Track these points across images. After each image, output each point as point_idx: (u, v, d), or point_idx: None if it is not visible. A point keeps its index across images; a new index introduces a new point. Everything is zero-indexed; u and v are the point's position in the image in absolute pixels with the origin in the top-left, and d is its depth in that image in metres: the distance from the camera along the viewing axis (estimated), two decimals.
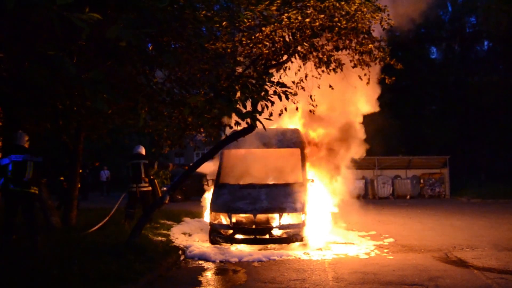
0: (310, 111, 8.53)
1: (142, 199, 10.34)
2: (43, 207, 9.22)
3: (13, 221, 7.21)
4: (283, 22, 7.29)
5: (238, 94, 5.60)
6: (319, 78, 8.27)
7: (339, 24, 7.55)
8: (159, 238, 9.22)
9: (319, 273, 6.88)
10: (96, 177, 27.18)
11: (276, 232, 8.59)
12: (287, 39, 7.59)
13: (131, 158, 10.71)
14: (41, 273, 5.80)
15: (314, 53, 7.88)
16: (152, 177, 10.92)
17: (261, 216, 8.66)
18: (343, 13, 7.59)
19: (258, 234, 8.63)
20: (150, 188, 10.58)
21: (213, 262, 7.82)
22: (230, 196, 9.20)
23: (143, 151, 10.83)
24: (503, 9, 29.26)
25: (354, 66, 8.37)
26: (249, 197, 9.01)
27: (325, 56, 7.96)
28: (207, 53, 5.76)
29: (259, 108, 5.74)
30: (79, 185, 10.71)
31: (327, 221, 10.54)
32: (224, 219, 8.86)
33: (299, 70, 8.29)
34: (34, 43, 3.67)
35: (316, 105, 8.51)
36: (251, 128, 7.50)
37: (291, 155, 10.07)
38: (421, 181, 24.17)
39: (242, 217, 8.74)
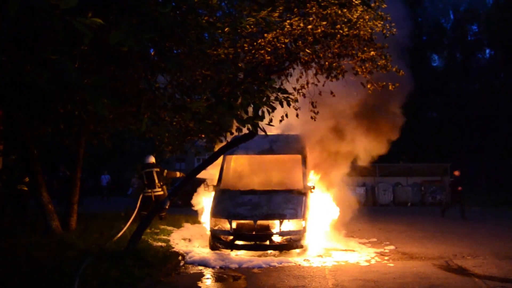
0: (312, 117, 8.54)
1: (156, 202, 11.39)
2: (42, 212, 9.20)
3: None
4: (285, 29, 7.30)
5: (240, 100, 5.60)
6: (323, 85, 8.28)
7: (341, 31, 7.57)
8: (159, 243, 9.19)
9: (319, 280, 6.85)
10: (96, 182, 27.15)
11: (277, 239, 8.55)
12: (289, 45, 7.59)
13: (144, 167, 12.00)
14: (41, 277, 5.78)
15: (316, 60, 7.89)
16: (161, 183, 12.02)
17: (261, 222, 8.62)
18: (345, 20, 7.60)
19: (259, 240, 8.59)
20: (162, 192, 11.83)
21: (213, 268, 7.79)
22: (231, 202, 9.16)
23: (153, 160, 12.15)
24: (505, 17, 29.38)
25: (356, 73, 8.38)
26: (249, 203, 8.97)
27: (326, 63, 7.97)
28: (209, 59, 5.78)
29: (260, 114, 5.74)
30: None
31: (327, 228, 10.51)
32: (224, 225, 8.83)
33: (300, 77, 8.30)
34: (36, 47, 3.68)
35: (318, 112, 8.51)
36: (252, 134, 7.49)
37: (292, 161, 10.04)
38: (422, 188, 24.08)
39: (242, 223, 8.69)
